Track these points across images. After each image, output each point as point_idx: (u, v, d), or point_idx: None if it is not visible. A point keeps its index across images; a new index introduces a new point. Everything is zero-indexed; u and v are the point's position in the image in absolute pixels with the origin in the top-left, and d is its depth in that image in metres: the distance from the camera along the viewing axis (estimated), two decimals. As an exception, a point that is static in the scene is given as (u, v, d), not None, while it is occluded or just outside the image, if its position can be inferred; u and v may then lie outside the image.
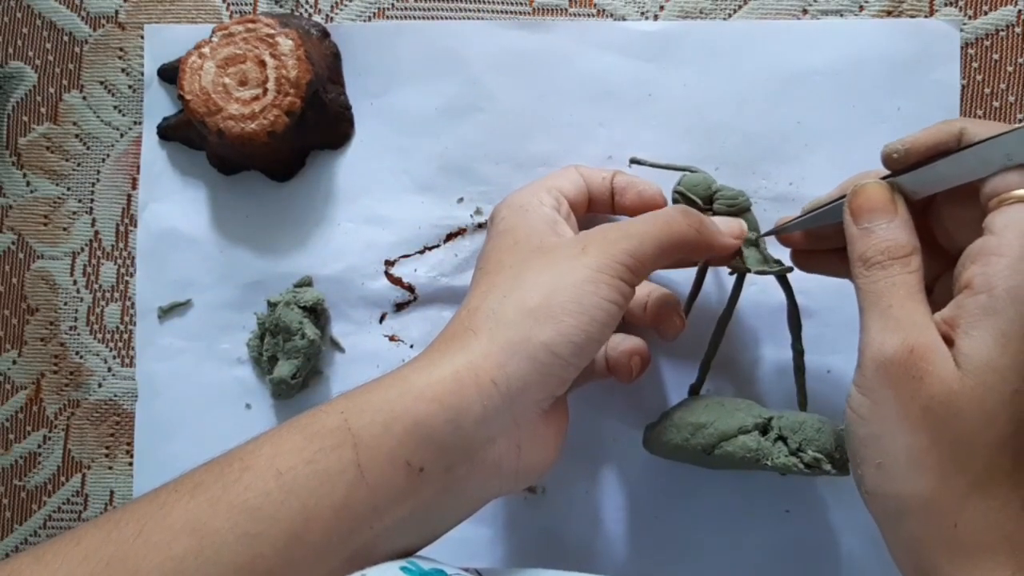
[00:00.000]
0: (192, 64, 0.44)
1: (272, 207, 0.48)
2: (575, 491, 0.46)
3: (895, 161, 0.36)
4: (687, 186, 0.42)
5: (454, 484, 0.33)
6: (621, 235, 0.36)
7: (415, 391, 0.33)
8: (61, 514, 0.48)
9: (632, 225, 0.37)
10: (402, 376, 0.34)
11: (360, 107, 0.48)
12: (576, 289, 0.34)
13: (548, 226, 0.38)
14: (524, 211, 0.39)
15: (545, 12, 0.47)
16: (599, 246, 0.35)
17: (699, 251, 0.38)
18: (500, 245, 0.38)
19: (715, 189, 0.42)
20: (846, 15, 0.46)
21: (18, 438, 0.48)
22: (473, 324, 0.35)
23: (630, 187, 0.42)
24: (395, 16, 0.48)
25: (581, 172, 0.42)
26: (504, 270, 0.36)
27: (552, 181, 0.41)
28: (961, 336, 0.31)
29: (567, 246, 0.36)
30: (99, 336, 0.48)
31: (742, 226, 0.41)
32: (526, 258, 0.36)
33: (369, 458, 0.32)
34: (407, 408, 0.32)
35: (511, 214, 0.39)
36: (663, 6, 0.47)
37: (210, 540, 0.30)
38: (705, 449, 0.39)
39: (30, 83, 0.49)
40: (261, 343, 0.47)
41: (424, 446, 0.32)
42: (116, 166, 0.49)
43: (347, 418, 0.32)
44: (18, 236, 0.49)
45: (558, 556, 0.46)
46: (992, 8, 0.46)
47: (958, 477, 0.31)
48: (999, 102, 0.46)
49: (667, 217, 0.37)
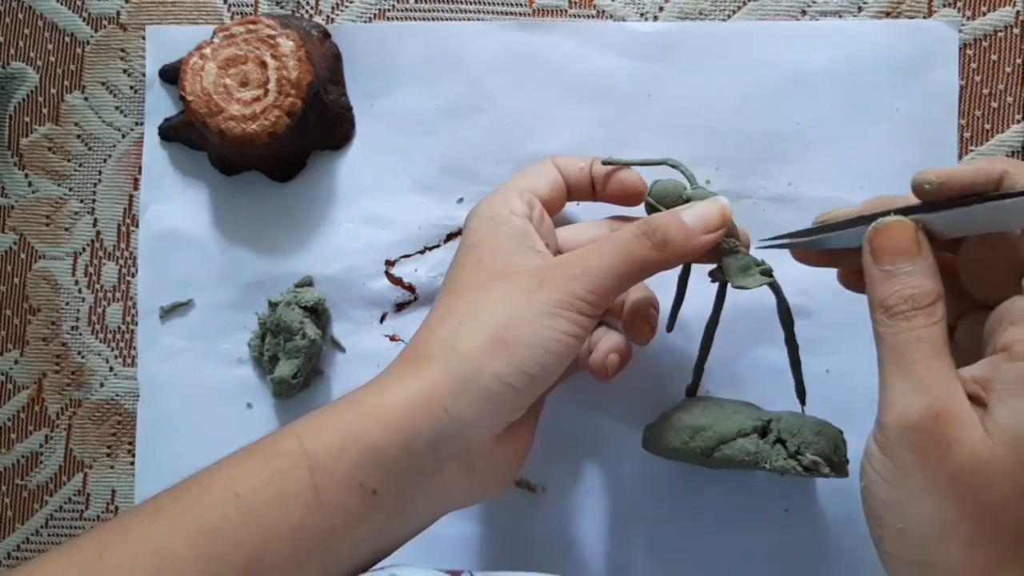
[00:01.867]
0: (193, 65, 0.44)
1: (273, 207, 0.48)
2: (575, 491, 0.46)
3: (926, 192, 0.33)
4: (656, 197, 0.39)
5: (407, 505, 0.34)
6: (579, 271, 0.35)
7: (369, 415, 0.34)
8: (63, 513, 0.48)
9: (591, 257, 0.36)
10: (357, 400, 0.35)
11: (361, 108, 0.48)
12: (532, 323, 0.34)
13: (516, 242, 0.37)
14: (494, 224, 0.38)
15: (545, 13, 0.48)
16: (556, 282, 0.35)
17: (669, 266, 0.37)
18: (465, 263, 0.37)
19: (687, 197, 0.39)
20: (845, 16, 0.46)
21: (20, 438, 0.48)
22: (427, 350, 0.35)
23: (611, 178, 0.41)
24: (396, 17, 0.48)
25: (558, 164, 0.41)
26: (464, 293, 0.36)
27: (526, 182, 0.40)
28: (996, 403, 0.29)
29: (526, 275, 0.35)
30: (101, 336, 0.48)
31: (722, 213, 0.37)
32: (486, 282, 0.36)
33: (325, 480, 0.32)
34: (361, 432, 0.33)
35: (480, 226, 0.38)
36: (662, 7, 0.47)
37: (170, 562, 0.31)
38: (704, 452, 0.40)
39: (32, 84, 0.49)
40: (262, 343, 0.47)
41: (377, 469, 0.33)
42: (117, 167, 0.49)
43: (303, 441, 0.33)
44: (20, 236, 0.49)
45: (558, 556, 0.46)
46: (990, 9, 0.46)
47: (987, 550, 0.29)
48: (997, 103, 0.46)
49: (626, 245, 0.36)
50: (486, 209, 0.39)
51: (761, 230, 0.47)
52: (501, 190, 0.40)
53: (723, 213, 0.37)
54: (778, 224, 0.45)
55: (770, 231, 0.46)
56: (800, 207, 0.46)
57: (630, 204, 0.41)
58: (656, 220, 0.36)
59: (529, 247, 0.37)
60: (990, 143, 0.46)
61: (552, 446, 0.46)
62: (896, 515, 0.30)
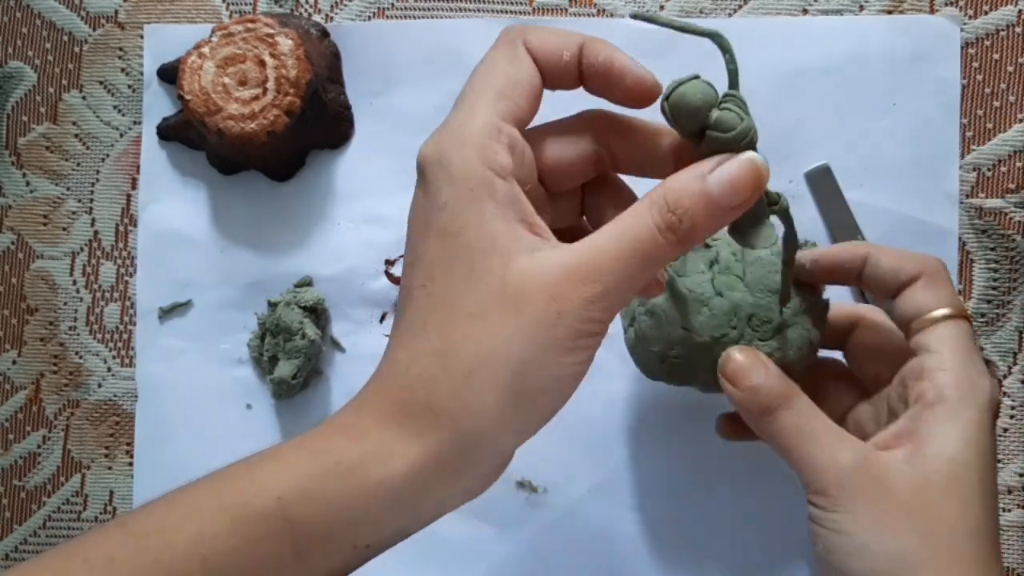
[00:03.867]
0: (192, 64, 0.44)
1: (272, 207, 0.48)
2: (575, 491, 0.46)
3: (806, 273, 0.39)
4: (674, 109, 0.30)
5: (400, 537, 0.31)
6: (599, 292, 0.28)
7: (366, 487, 0.29)
8: (60, 514, 0.48)
9: (604, 262, 0.29)
10: (348, 466, 0.29)
11: (360, 106, 0.48)
12: (553, 366, 0.29)
13: (510, 226, 0.29)
14: (475, 198, 0.29)
15: (545, 11, 0.47)
16: (574, 310, 0.28)
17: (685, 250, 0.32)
18: (449, 264, 0.29)
19: (710, 123, 0.30)
20: (846, 14, 0.46)
21: (17, 438, 0.48)
22: (432, 403, 0.29)
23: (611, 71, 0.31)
24: (395, 15, 0.48)
25: (533, 50, 0.31)
26: (461, 321, 0.29)
27: (502, 104, 0.30)
28: (925, 441, 0.33)
29: (540, 302, 0.28)
30: (98, 336, 0.48)
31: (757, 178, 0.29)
32: (488, 307, 0.29)
33: (308, 546, 0.29)
34: (355, 503, 0.29)
35: (455, 199, 0.29)
36: (663, 5, 0.47)
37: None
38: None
39: (30, 83, 0.49)
40: (262, 343, 0.47)
41: (371, 532, 0.30)
42: (116, 166, 0.49)
43: (284, 505, 0.29)
44: (17, 236, 0.49)
45: (558, 556, 0.46)
46: (992, 8, 0.46)
47: (952, 568, 0.32)
48: (999, 102, 0.46)
49: (648, 247, 0.29)
50: (459, 167, 0.29)
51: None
52: (470, 122, 0.30)
53: (759, 178, 0.29)
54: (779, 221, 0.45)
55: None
56: (802, 204, 0.46)
57: (634, 107, 0.32)
58: (680, 202, 0.29)
59: (522, 224, 0.29)
60: (992, 142, 0.46)
61: (552, 446, 0.46)
62: (864, 560, 0.33)
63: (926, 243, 0.45)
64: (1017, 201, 0.46)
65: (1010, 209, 0.46)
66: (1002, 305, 0.46)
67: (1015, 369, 0.45)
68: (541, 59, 0.31)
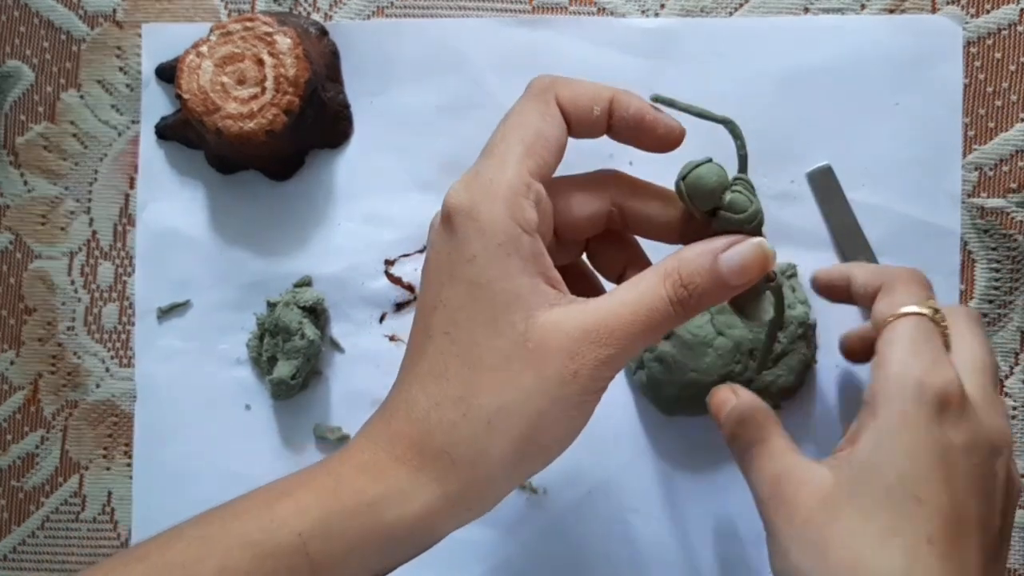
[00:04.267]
0: (190, 63, 0.44)
1: (271, 207, 0.48)
2: (575, 491, 0.46)
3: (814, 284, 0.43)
4: (690, 188, 0.32)
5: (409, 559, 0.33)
6: (612, 353, 0.30)
7: (384, 528, 0.30)
8: (59, 515, 0.48)
9: (618, 327, 0.30)
10: (367, 504, 0.30)
11: (359, 105, 0.47)
12: (565, 418, 0.31)
13: (530, 280, 0.30)
14: (502, 251, 0.30)
15: (545, 10, 0.47)
16: (590, 370, 0.30)
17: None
18: (473, 313, 0.30)
19: (726, 203, 0.31)
20: (847, 13, 0.46)
21: (15, 439, 0.48)
22: (451, 449, 0.30)
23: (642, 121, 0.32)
24: (394, 14, 0.48)
25: (564, 105, 0.32)
26: (482, 370, 0.30)
27: (531, 161, 0.31)
28: (852, 445, 0.33)
29: (558, 359, 0.30)
30: (97, 336, 0.48)
31: (764, 261, 0.31)
32: (510, 358, 0.30)
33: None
34: (373, 540, 0.30)
35: (484, 252, 0.30)
36: (664, 4, 0.47)
37: None
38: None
39: (27, 82, 0.49)
40: (261, 343, 0.47)
41: (385, 563, 0.31)
42: (114, 165, 0.48)
43: (305, 542, 0.30)
44: (15, 236, 0.49)
45: (558, 556, 0.46)
46: (994, 7, 0.46)
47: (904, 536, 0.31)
48: (1001, 101, 0.46)
49: (659, 317, 0.30)
50: (488, 222, 0.30)
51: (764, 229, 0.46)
52: (501, 177, 0.31)
53: (766, 263, 0.31)
54: (781, 222, 0.45)
55: (773, 230, 0.45)
56: (803, 205, 0.46)
57: (660, 152, 0.33)
58: (692, 278, 0.30)
59: (542, 277, 0.31)
60: (994, 141, 0.46)
61: (553, 447, 0.46)
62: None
63: (928, 243, 0.45)
64: (1019, 201, 0.46)
65: (1012, 209, 0.46)
66: (1004, 305, 0.45)
67: (1016, 369, 0.45)
68: (571, 113, 0.32)
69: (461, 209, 0.31)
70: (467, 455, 0.30)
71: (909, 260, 0.45)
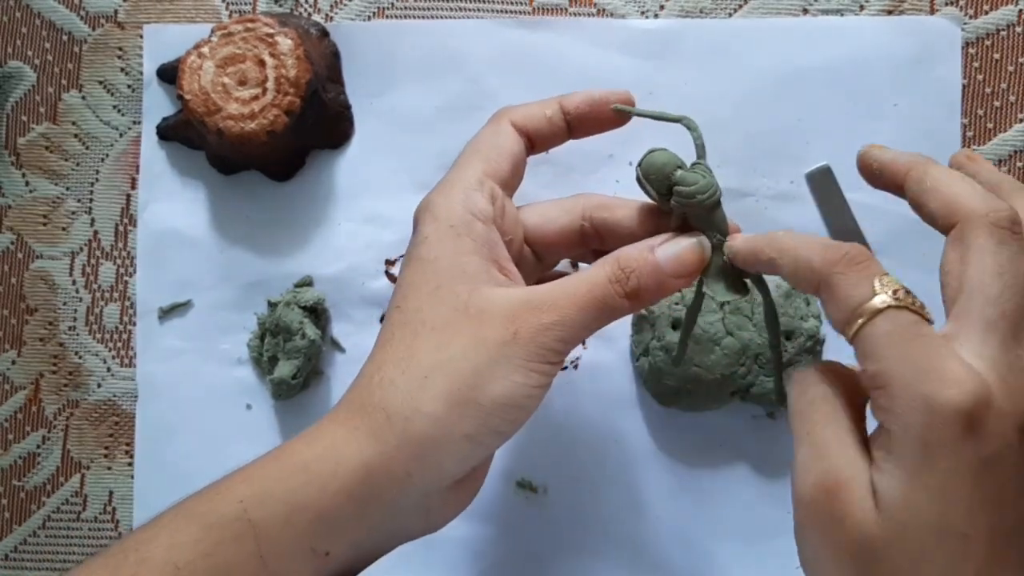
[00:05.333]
0: (191, 64, 0.44)
1: (272, 207, 0.48)
2: (576, 491, 0.46)
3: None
4: (644, 170, 0.35)
5: (360, 555, 0.32)
6: (554, 320, 0.31)
7: (319, 483, 0.31)
8: (60, 515, 0.48)
9: (562, 303, 0.32)
10: (303, 463, 0.31)
11: (360, 106, 0.48)
12: (505, 381, 0.31)
13: (481, 261, 0.33)
14: (454, 233, 0.33)
15: (545, 11, 0.47)
16: (530, 333, 0.31)
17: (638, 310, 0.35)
18: (420, 285, 0.33)
19: (675, 180, 0.34)
20: (846, 14, 0.46)
21: (17, 438, 0.48)
22: (387, 404, 0.31)
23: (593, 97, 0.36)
24: (395, 15, 0.48)
25: (517, 123, 0.36)
26: (424, 333, 0.32)
27: (486, 165, 0.35)
28: (876, 473, 0.27)
29: (498, 321, 0.31)
30: (98, 336, 0.48)
31: (701, 257, 0.34)
32: (450, 321, 0.32)
33: (271, 549, 0.30)
34: (311, 501, 0.31)
35: (436, 235, 0.33)
36: (663, 5, 0.47)
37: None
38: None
39: (29, 83, 0.49)
40: (261, 343, 0.47)
41: (330, 534, 0.31)
42: (115, 166, 0.49)
43: (246, 508, 0.30)
44: (17, 236, 0.49)
45: (558, 556, 0.46)
46: (993, 8, 0.46)
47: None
48: (1000, 101, 0.46)
49: (598, 293, 0.32)
50: (443, 210, 0.34)
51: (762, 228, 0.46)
52: (457, 178, 0.35)
53: (702, 257, 0.34)
54: (781, 222, 0.46)
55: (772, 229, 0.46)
56: (802, 205, 0.46)
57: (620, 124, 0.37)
58: (629, 263, 0.33)
59: (494, 264, 0.33)
60: (992, 142, 0.46)
61: (552, 446, 0.46)
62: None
63: (928, 243, 0.45)
64: (1018, 201, 0.46)
65: (1011, 209, 0.46)
66: (1003, 305, 0.46)
67: (1016, 369, 0.45)
68: (527, 128, 0.36)
69: (421, 207, 0.35)
70: (401, 410, 0.31)
71: (909, 260, 0.45)
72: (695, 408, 0.44)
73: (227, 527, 0.30)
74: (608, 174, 0.47)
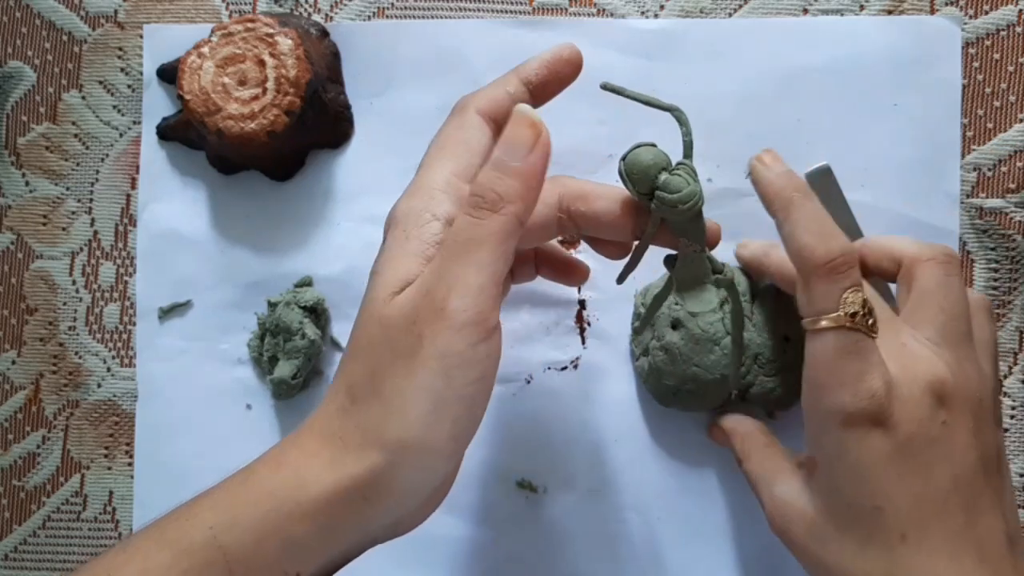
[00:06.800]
0: (191, 64, 0.44)
1: (272, 207, 0.48)
2: (575, 491, 0.46)
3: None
4: (628, 167, 0.34)
5: (331, 566, 0.32)
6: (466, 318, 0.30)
7: (286, 509, 0.30)
8: (60, 514, 0.48)
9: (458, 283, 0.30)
10: (270, 490, 0.31)
11: (360, 106, 0.48)
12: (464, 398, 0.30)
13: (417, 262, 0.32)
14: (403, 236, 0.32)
15: (545, 11, 0.47)
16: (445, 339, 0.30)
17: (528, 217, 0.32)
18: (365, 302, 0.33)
19: (658, 184, 0.34)
20: (846, 14, 0.46)
21: (17, 438, 0.48)
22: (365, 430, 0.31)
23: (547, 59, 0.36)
24: (394, 15, 0.48)
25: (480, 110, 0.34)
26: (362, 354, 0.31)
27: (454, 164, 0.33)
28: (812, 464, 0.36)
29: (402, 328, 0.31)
30: (98, 336, 0.48)
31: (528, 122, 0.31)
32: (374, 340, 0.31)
33: (243, 573, 0.30)
34: (279, 527, 0.30)
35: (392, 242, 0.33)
36: (663, 5, 0.47)
37: None
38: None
39: (29, 83, 0.49)
40: (261, 343, 0.47)
41: (299, 556, 0.31)
42: (115, 166, 0.49)
43: (216, 534, 0.30)
44: (17, 236, 0.49)
45: (558, 556, 0.46)
46: (993, 8, 0.46)
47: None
48: (1000, 102, 0.46)
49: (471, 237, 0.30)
50: (403, 216, 0.32)
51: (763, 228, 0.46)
52: (423, 182, 0.33)
53: (527, 120, 0.31)
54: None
55: (772, 230, 0.46)
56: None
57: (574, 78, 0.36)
58: (476, 185, 0.31)
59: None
60: (992, 142, 0.46)
61: (552, 446, 0.46)
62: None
63: (927, 243, 0.45)
64: (1018, 201, 0.46)
65: (1011, 209, 0.46)
66: (1003, 305, 0.46)
67: (1015, 369, 0.45)
68: (494, 112, 0.34)
69: (389, 214, 0.33)
70: (375, 438, 0.30)
71: (908, 260, 0.45)
72: (695, 408, 0.44)
73: (198, 553, 0.30)
74: (608, 174, 0.47)
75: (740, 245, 0.44)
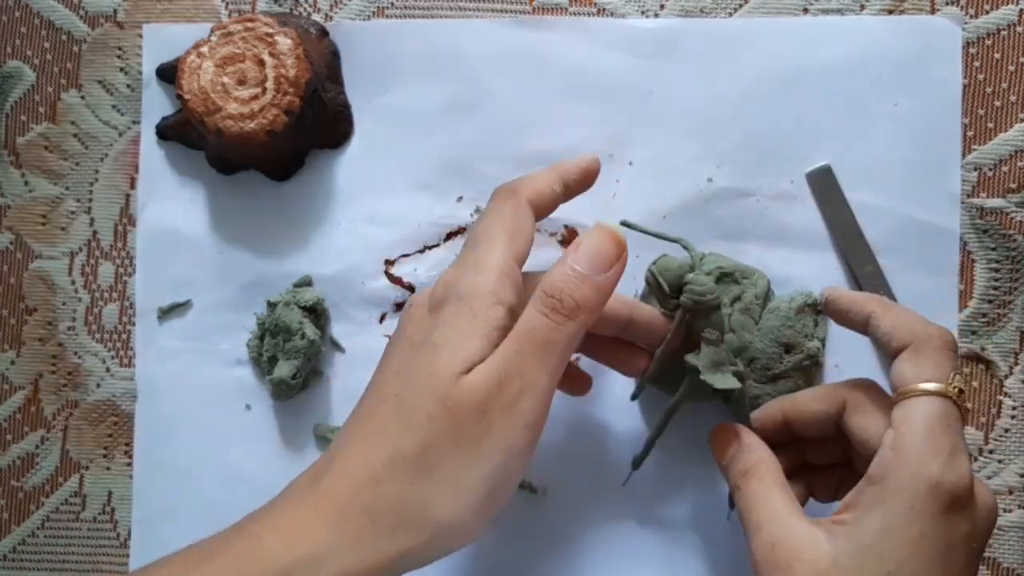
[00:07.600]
0: (191, 63, 0.44)
1: (271, 207, 0.48)
2: (575, 491, 0.46)
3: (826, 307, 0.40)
4: (660, 269, 0.40)
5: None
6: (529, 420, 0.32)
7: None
8: (59, 515, 0.48)
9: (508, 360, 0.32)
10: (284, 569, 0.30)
11: (359, 106, 0.47)
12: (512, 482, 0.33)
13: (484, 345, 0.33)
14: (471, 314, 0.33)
15: (545, 11, 0.47)
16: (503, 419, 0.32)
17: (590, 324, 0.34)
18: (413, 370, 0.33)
19: (687, 280, 0.39)
20: (847, 13, 0.46)
21: (16, 438, 0.48)
22: (374, 509, 0.31)
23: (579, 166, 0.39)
24: (394, 15, 0.48)
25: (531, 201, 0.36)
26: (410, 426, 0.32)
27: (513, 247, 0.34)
28: (851, 520, 0.33)
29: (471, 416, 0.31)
30: (97, 336, 0.48)
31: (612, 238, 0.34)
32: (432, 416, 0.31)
33: None
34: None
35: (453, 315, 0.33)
36: (663, 5, 0.47)
37: None
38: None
39: (28, 82, 0.49)
40: (261, 343, 0.47)
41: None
42: (114, 166, 0.48)
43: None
44: (16, 236, 0.49)
45: (558, 556, 0.46)
46: (993, 7, 0.46)
47: None
48: (1000, 101, 0.46)
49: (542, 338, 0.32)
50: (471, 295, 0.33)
51: (762, 228, 0.47)
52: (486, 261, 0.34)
53: (614, 238, 0.34)
54: (780, 222, 0.45)
55: (772, 229, 0.46)
56: (802, 205, 0.46)
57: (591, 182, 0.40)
58: (554, 288, 0.33)
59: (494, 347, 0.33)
60: (993, 142, 0.46)
61: (552, 447, 0.46)
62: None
63: (927, 243, 0.45)
64: (1018, 201, 0.46)
65: (1011, 209, 0.46)
66: (1003, 305, 0.45)
67: (1016, 369, 0.45)
68: (537, 202, 0.37)
69: (448, 285, 0.33)
70: (394, 519, 0.31)
71: (909, 260, 0.45)
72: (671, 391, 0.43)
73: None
74: (608, 174, 0.47)
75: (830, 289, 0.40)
